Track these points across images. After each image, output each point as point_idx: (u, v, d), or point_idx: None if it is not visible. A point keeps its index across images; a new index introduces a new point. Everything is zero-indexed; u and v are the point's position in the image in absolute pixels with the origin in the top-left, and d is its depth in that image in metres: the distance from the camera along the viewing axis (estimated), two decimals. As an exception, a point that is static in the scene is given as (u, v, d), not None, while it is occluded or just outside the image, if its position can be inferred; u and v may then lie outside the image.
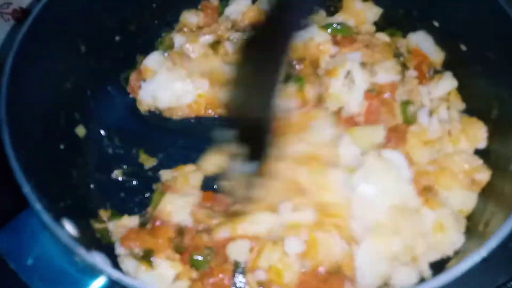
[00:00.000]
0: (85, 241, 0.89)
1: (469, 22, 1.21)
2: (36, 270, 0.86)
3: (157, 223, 1.16)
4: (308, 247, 1.09)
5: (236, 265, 1.13)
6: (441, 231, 1.10)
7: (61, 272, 0.87)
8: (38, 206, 0.86)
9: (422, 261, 1.09)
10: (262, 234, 1.12)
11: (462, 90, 1.31)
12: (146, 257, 1.10)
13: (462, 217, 1.14)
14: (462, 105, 1.30)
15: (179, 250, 1.13)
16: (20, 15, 1.63)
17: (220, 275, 1.09)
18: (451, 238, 1.10)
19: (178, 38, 1.47)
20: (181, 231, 1.16)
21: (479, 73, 1.23)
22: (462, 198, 1.16)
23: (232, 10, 1.53)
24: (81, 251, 0.82)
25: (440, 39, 1.34)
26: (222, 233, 1.13)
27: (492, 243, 0.85)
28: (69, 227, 0.92)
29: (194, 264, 1.11)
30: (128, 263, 1.11)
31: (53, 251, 0.88)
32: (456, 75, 1.31)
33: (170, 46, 1.47)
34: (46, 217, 0.86)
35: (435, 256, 1.10)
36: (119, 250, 1.15)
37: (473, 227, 1.08)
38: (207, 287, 1.08)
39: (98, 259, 0.84)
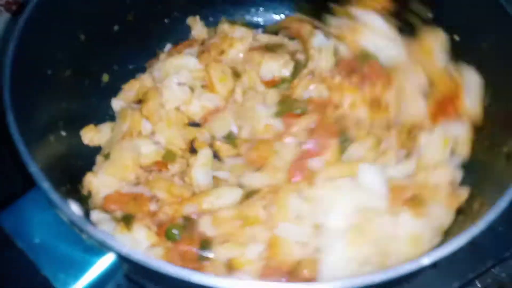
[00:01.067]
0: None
1: (462, 13, 1.24)
2: (43, 249, 0.87)
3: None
4: (269, 248, 1.09)
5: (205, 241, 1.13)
6: (415, 244, 1.06)
7: (68, 251, 0.87)
8: (45, 184, 0.87)
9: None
10: (227, 208, 1.14)
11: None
12: (126, 220, 1.12)
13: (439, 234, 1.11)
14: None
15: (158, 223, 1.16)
16: (14, 7, 1.63)
17: (188, 246, 1.10)
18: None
19: None
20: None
21: (472, 63, 1.25)
22: (441, 213, 1.13)
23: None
24: (90, 228, 0.83)
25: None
26: (188, 208, 1.16)
27: (489, 217, 0.87)
28: (75, 207, 0.93)
29: (169, 237, 1.12)
30: (105, 226, 1.12)
31: (59, 230, 0.89)
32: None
33: None
34: (54, 196, 0.86)
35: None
36: (96, 215, 1.15)
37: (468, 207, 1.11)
38: (175, 256, 1.10)
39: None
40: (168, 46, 1.58)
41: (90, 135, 1.34)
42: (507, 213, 1.19)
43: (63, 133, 1.24)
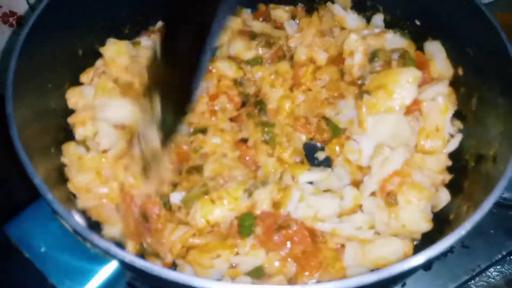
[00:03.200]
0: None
1: (450, 22, 1.29)
2: (49, 258, 0.89)
3: None
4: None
5: None
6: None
7: (73, 259, 0.90)
8: (50, 196, 0.90)
9: None
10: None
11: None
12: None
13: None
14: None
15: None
16: (11, 19, 1.64)
17: None
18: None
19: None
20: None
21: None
22: (416, 219, 1.17)
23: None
24: (93, 237, 0.86)
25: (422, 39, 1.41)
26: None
27: (475, 218, 0.90)
28: (78, 218, 0.96)
29: None
30: None
31: (64, 240, 0.91)
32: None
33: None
34: (58, 207, 0.89)
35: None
36: None
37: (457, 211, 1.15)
38: None
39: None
40: (160, 23, 1.59)
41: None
42: (498, 216, 1.24)
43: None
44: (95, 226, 1.20)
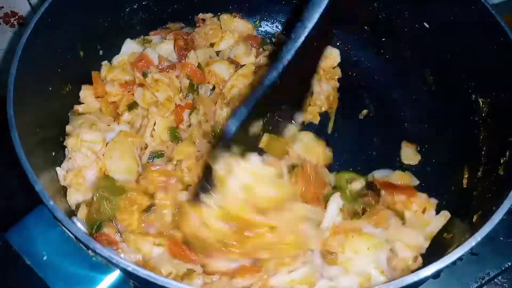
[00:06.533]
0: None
1: (458, 23, 1.27)
2: (51, 265, 0.87)
3: None
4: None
5: None
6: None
7: (75, 268, 0.88)
8: (51, 203, 0.88)
9: None
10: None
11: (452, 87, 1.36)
12: None
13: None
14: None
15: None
16: (12, 19, 1.63)
17: None
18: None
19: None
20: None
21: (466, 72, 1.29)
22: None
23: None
24: (96, 245, 0.84)
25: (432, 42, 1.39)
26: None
27: (486, 229, 0.88)
28: (80, 225, 0.94)
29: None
30: None
31: (66, 247, 0.89)
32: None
33: None
34: (60, 214, 0.87)
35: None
36: None
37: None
38: None
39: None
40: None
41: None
42: (508, 223, 1.22)
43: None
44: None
